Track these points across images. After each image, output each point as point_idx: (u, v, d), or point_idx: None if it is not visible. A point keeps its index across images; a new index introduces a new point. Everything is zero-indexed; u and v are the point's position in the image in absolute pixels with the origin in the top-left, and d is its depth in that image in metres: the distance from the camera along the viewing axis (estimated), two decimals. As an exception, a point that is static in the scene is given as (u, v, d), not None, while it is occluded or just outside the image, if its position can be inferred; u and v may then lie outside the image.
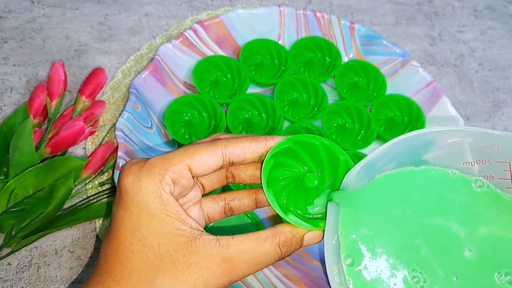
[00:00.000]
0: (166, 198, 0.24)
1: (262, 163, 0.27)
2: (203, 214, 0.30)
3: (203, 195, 0.30)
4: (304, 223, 0.26)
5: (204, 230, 0.25)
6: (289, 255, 0.26)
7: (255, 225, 0.40)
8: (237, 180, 0.30)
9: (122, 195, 0.25)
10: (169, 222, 0.24)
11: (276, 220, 0.42)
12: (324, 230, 0.25)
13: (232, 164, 0.27)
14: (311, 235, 0.26)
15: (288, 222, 0.26)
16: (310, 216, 0.27)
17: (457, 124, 0.47)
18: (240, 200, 0.30)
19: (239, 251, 0.24)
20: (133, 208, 0.24)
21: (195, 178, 0.27)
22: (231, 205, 0.30)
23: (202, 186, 0.30)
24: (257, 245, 0.25)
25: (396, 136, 0.49)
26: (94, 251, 0.39)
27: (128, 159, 0.39)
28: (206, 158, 0.25)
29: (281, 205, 0.26)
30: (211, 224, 0.40)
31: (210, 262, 0.23)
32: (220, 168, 0.27)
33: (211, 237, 0.24)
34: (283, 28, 0.51)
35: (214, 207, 0.30)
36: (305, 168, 0.28)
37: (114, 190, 0.41)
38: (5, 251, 0.37)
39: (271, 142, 0.27)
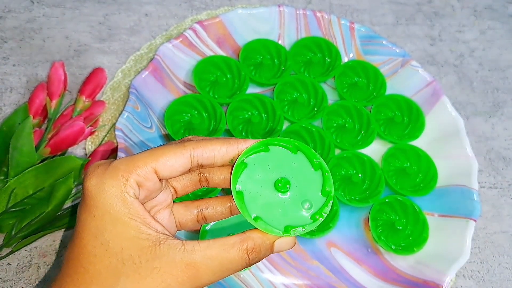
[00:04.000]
0: (130, 202, 0.23)
1: (233, 166, 0.26)
2: (174, 220, 0.29)
3: (176, 199, 0.29)
4: (274, 229, 0.25)
5: (170, 235, 0.24)
6: (257, 262, 0.25)
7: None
8: (211, 184, 0.29)
9: (86, 198, 0.24)
10: (132, 226, 0.23)
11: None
12: (295, 237, 0.26)
13: (201, 166, 0.26)
14: (282, 242, 0.26)
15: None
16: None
17: (457, 124, 0.47)
18: (214, 208, 0.29)
19: (204, 257, 0.23)
20: (96, 211, 0.23)
21: (163, 181, 0.26)
22: (204, 213, 0.29)
23: (174, 189, 0.29)
24: (224, 251, 0.24)
25: (396, 136, 0.49)
26: (94, 251, 0.39)
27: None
28: (173, 160, 0.24)
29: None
30: (210, 225, 0.40)
31: (174, 268, 0.23)
32: (189, 171, 0.26)
33: (176, 241, 0.24)
34: (283, 28, 0.51)
35: (187, 215, 0.29)
36: (277, 173, 0.28)
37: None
38: (5, 251, 0.37)
39: (243, 146, 0.26)
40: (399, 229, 0.42)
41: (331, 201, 0.27)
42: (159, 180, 0.25)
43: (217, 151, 0.26)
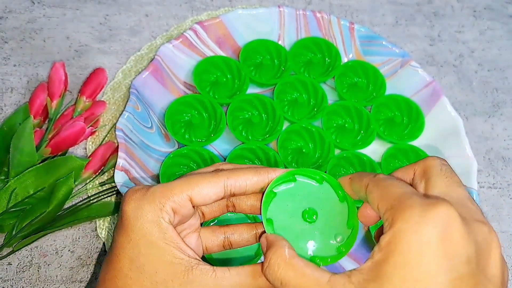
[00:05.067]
0: (165, 227, 0.24)
1: (263, 195, 0.27)
2: (201, 243, 0.30)
3: (203, 223, 0.30)
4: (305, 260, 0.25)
5: (201, 260, 0.25)
6: None
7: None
8: (237, 210, 0.30)
9: (124, 221, 0.25)
10: (167, 250, 0.24)
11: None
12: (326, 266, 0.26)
13: (233, 195, 0.27)
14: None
15: None
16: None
17: (456, 124, 0.47)
18: (240, 235, 0.30)
19: (234, 284, 0.24)
20: (133, 235, 0.24)
21: (195, 207, 0.27)
22: (231, 239, 0.30)
23: (202, 213, 0.30)
24: (253, 279, 0.25)
25: (396, 136, 0.49)
26: (95, 251, 0.39)
27: (128, 159, 0.39)
28: (208, 189, 0.26)
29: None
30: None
31: None
32: (222, 199, 0.27)
33: (208, 267, 0.24)
34: (283, 29, 0.51)
35: (213, 240, 0.30)
36: (305, 203, 0.29)
37: (114, 190, 0.41)
38: (6, 251, 0.37)
39: (273, 175, 0.27)
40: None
41: (357, 233, 0.28)
42: (193, 206, 0.26)
43: (249, 180, 0.27)
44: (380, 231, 0.24)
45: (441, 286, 0.20)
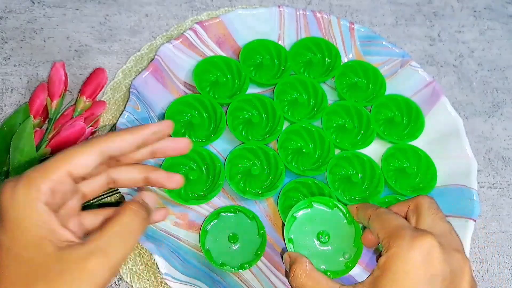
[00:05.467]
0: (39, 210, 0.24)
1: (283, 223, 0.36)
2: (82, 223, 0.29)
3: (84, 203, 0.29)
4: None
5: (76, 239, 0.24)
6: None
7: (256, 224, 0.41)
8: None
9: (1, 213, 0.24)
10: (41, 234, 0.24)
11: (276, 221, 0.43)
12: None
13: (112, 158, 0.27)
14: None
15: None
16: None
17: (456, 124, 0.47)
18: (127, 173, 0.29)
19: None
20: (8, 224, 0.24)
21: (75, 184, 0.26)
22: (115, 177, 0.29)
23: (83, 195, 0.29)
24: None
25: (396, 136, 0.49)
26: (95, 251, 0.39)
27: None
28: (85, 158, 0.25)
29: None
30: (209, 227, 0.40)
31: (76, 270, 0.23)
32: (101, 164, 0.26)
33: (79, 245, 0.24)
34: (283, 29, 0.51)
35: (95, 181, 0.29)
36: (320, 226, 0.36)
37: (114, 190, 0.41)
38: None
39: (146, 131, 0.27)
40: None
41: (362, 252, 0.35)
42: (75, 182, 0.26)
43: (125, 141, 0.27)
44: (379, 254, 0.30)
45: None
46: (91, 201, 0.40)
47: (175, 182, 0.30)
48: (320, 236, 0.35)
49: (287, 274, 0.32)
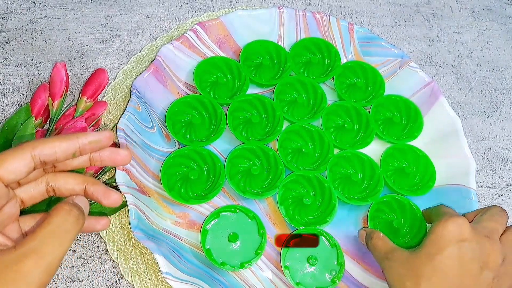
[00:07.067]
0: None
1: (281, 247, 0.41)
2: (22, 228, 0.28)
3: (23, 210, 0.29)
4: None
5: (10, 244, 0.24)
6: None
7: (256, 223, 0.41)
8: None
9: None
10: None
11: (276, 217, 0.43)
12: None
13: (45, 164, 0.26)
14: None
15: None
16: None
17: (455, 124, 0.47)
18: (66, 183, 0.29)
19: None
20: None
21: (10, 189, 0.26)
22: (54, 187, 0.29)
23: (21, 201, 0.28)
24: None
25: (395, 136, 0.49)
26: (96, 250, 0.39)
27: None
28: (16, 163, 0.25)
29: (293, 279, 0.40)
30: (209, 226, 0.40)
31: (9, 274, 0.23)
32: (34, 170, 0.26)
33: (13, 248, 0.24)
34: (282, 29, 0.51)
35: (34, 187, 0.28)
36: (309, 252, 0.41)
37: (115, 190, 0.41)
38: (8, 249, 0.37)
39: (83, 139, 0.27)
40: (398, 228, 0.43)
41: (344, 268, 0.40)
42: (6, 186, 0.25)
43: (58, 147, 0.26)
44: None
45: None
46: (91, 200, 0.40)
47: (112, 200, 0.29)
48: (310, 260, 0.40)
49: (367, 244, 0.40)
